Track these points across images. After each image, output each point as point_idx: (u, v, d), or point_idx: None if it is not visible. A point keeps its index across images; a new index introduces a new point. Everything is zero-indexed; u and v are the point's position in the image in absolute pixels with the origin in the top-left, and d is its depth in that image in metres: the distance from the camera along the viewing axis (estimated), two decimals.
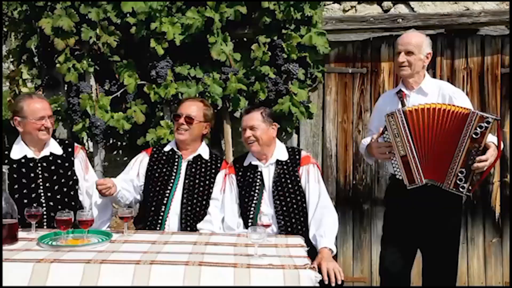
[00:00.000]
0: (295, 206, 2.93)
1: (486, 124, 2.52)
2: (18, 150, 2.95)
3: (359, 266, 4.11)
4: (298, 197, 2.94)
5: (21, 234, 2.50)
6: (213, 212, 2.99)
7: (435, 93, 2.85)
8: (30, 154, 2.95)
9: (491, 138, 2.61)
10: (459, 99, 2.80)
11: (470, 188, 2.60)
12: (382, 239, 3.05)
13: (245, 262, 2.13)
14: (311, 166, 3.01)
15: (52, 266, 2.03)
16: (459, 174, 2.59)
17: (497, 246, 4.02)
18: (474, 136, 2.55)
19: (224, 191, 3.05)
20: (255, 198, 2.96)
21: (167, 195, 2.98)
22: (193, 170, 3.05)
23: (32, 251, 2.25)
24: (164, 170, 3.05)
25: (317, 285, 2.05)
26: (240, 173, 3.06)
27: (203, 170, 3.06)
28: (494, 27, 3.98)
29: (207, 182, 3.04)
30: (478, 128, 2.54)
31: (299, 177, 2.98)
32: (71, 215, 2.43)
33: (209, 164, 3.09)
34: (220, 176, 3.08)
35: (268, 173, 3.01)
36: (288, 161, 3.02)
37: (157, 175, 3.05)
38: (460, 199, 2.84)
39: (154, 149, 3.18)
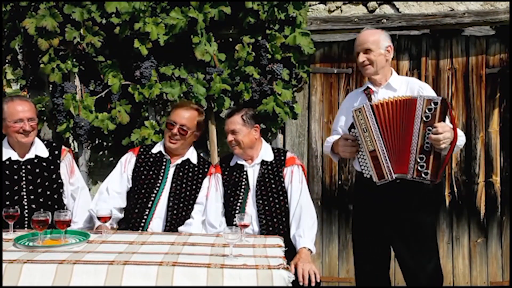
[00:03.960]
0: (277, 206, 2.94)
1: (434, 106, 2.55)
2: (3, 153, 2.95)
3: (345, 266, 4.11)
4: (281, 197, 2.95)
5: None
6: (196, 216, 2.99)
7: (404, 87, 2.85)
8: (15, 156, 2.95)
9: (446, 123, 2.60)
10: (426, 92, 2.79)
11: (434, 173, 2.56)
12: (353, 240, 3.04)
13: (219, 262, 2.13)
14: (296, 167, 3.02)
15: (25, 266, 2.03)
16: (419, 161, 2.58)
17: (482, 246, 4.02)
18: (425, 119, 2.57)
19: (209, 189, 3.05)
20: (240, 197, 2.97)
21: (152, 198, 2.97)
22: (181, 174, 3.04)
23: (7, 252, 2.24)
24: (151, 173, 3.03)
25: (290, 285, 2.05)
26: (226, 173, 3.07)
27: (190, 174, 3.06)
28: (479, 28, 3.99)
29: (194, 186, 3.04)
30: (427, 111, 2.56)
31: (283, 178, 2.99)
32: (48, 216, 2.43)
33: (196, 168, 3.09)
34: (206, 181, 3.08)
35: (253, 173, 3.02)
36: (273, 161, 3.03)
37: (143, 177, 3.03)
38: (431, 195, 2.83)
39: (141, 149, 3.15)
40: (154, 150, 3.13)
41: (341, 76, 4.12)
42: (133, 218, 2.96)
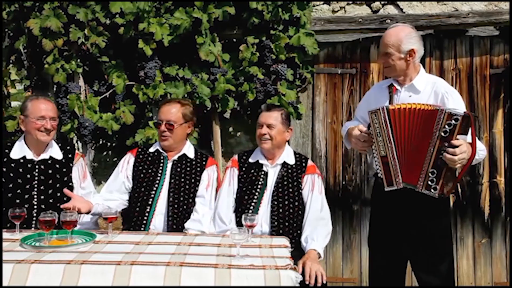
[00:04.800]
0: (291, 210, 2.92)
1: (454, 122, 2.41)
2: (18, 150, 2.97)
3: (349, 267, 4.11)
4: (296, 203, 2.94)
5: (5, 235, 2.50)
6: (200, 210, 2.99)
7: (428, 90, 2.71)
8: (30, 155, 2.96)
9: (466, 138, 2.48)
10: (452, 98, 2.65)
11: (444, 189, 2.49)
12: (369, 241, 3.02)
13: (227, 262, 2.12)
14: (316, 177, 3.01)
15: (33, 267, 2.03)
16: (430, 175, 2.48)
17: (487, 247, 4.02)
18: (443, 134, 2.43)
19: (222, 182, 3.05)
20: (255, 197, 2.95)
21: (152, 195, 2.98)
22: (178, 169, 3.05)
23: (14, 252, 2.24)
24: (150, 171, 3.05)
25: (298, 285, 2.05)
26: (243, 169, 3.04)
27: (188, 168, 3.06)
28: (483, 28, 3.99)
29: (192, 180, 3.04)
30: (446, 126, 2.42)
31: (301, 184, 2.97)
32: (55, 216, 2.43)
33: (194, 162, 3.09)
34: (205, 174, 3.07)
35: (273, 174, 3.00)
36: (294, 166, 3.01)
37: (142, 175, 3.04)
38: (447, 201, 2.79)
39: (139, 150, 3.16)
40: (152, 149, 3.14)
41: (345, 77, 4.12)
42: (135, 216, 2.98)
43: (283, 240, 2.63)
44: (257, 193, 2.95)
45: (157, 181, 3.01)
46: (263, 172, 3.00)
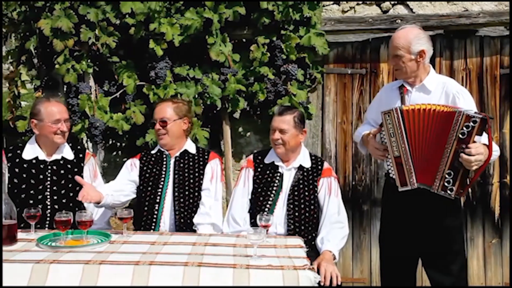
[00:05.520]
0: (307, 214, 2.92)
1: (472, 124, 2.42)
2: (31, 151, 2.98)
3: (359, 267, 4.11)
4: (312, 206, 2.93)
5: (20, 235, 2.50)
6: (207, 202, 3.00)
7: (439, 91, 2.72)
8: (42, 156, 2.98)
9: (482, 139, 2.50)
10: (463, 98, 2.66)
11: (460, 190, 2.51)
12: (380, 241, 3.03)
13: (244, 262, 2.13)
14: (333, 180, 2.99)
15: (51, 267, 2.03)
16: (447, 176, 2.50)
17: (497, 247, 4.02)
18: (460, 136, 2.45)
19: (237, 182, 3.06)
20: (270, 199, 2.94)
21: (159, 193, 3.02)
22: (181, 165, 3.08)
23: (31, 252, 2.25)
24: (154, 170, 3.09)
25: (316, 285, 2.05)
26: (259, 169, 3.03)
27: (191, 163, 3.09)
28: (493, 28, 3.98)
29: (196, 174, 3.07)
30: (464, 128, 2.44)
31: (317, 187, 2.96)
32: (70, 216, 2.44)
33: (196, 157, 3.12)
34: (209, 167, 3.09)
35: (288, 176, 2.98)
36: (310, 169, 2.99)
37: (147, 175, 3.09)
38: (458, 201, 2.80)
39: (143, 153, 3.21)
40: (154, 151, 3.18)
41: (355, 77, 4.12)
42: (144, 215, 3.01)
43: (297, 240, 2.63)
44: (272, 195, 2.94)
45: (162, 179, 3.05)
46: (278, 174, 2.99)
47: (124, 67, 3.88)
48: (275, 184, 2.96)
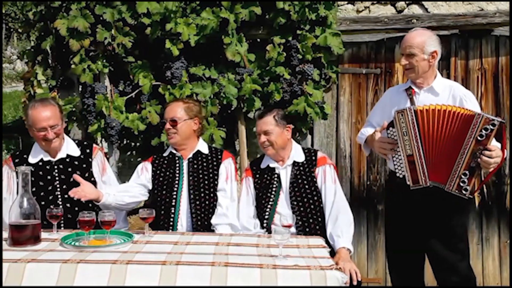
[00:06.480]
0: (312, 207, 2.93)
1: (491, 127, 2.51)
2: (35, 154, 2.97)
3: (374, 267, 4.11)
4: (315, 198, 2.95)
5: (43, 234, 2.49)
6: (223, 203, 3.00)
7: (446, 94, 2.81)
8: (46, 157, 2.97)
9: (497, 142, 2.60)
10: (470, 101, 2.76)
11: (473, 191, 2.60)
12: (386, 240, 3.07)
13: (271, 262, 2.12)
14: (328, 167, 3.01)
15: (79, 266, 2.03)
16: (462, 176, 2.58)
17: None
18: (479, 138, 2.54)
19: (240, 193, 3.06)
20: (271, 199, 2.97)
21: (174, 197, 3.00)
22: (195, 166, 3.06)
23: (56, 252, 2.25)
24: (168, 173, 3.07)
25: (344, 285, 2.05)
26: (257, 176, 3.08)
27: (204, 164, 3.07)
28: (509, 28, 3.97)
29: (210, 175, 3.05)
30: (483, 130, 2.53)
31: (315, 178, 2.98)
32: (93, 216, 2.44)
33: (209, 158, 3.10)
34: (223, 167, 3.08)
35: (285, 174, 3.02)
36: (305, 162, 3.02)
37: (161, 179, 3.07)
38: (463, 200, 2.83)
39: (155, 157, 3.19)
40: (165, 153, 3.17)
41: (369, 77, 4.12)
42: (161, 220, 2.99)
43: (319, 240, 2.63)
44: (272, 196, 2.97)
45: (176, 182, 3.03)
46: (276, 175, 3.02)
47: (140, 67, 3.88)
48: (274, 185, 2.99)
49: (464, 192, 2.58)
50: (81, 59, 3.79)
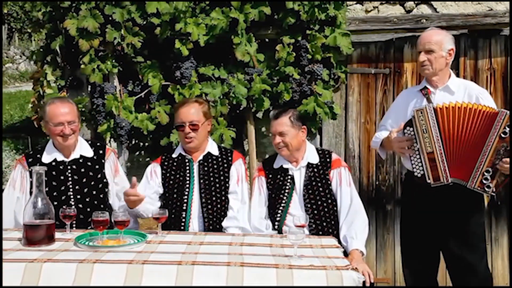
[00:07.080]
0: (326, 209, 2.92)
1: None
2: (49, 154, 2.97)
3: (383, 267, 4.11)
4: (329, 201, 2.93)
5: (57, 234, 2.49)
6: (234, 206, 2.98)
7: (461, 92, 2.84)
8: (60, 157, 2.97)
9: None
10: (486, 99, 2.80)
11: (496, 188, 2.61)
12: (401, 239, 3.07)
13: (286, 262, 2.12)
14: (343, 169, 2.98)
15: (95, 266, 2.04)
16: (485, 173, 2.59)
17: None
18: (502, 135, 2.56)
19: (253, 192, 3.05)
20: (283, 201, 2.95)
21: (185, 200, 2.96)
22: (206, 169, 3.02)
23: (71, 252, 2.25)
24: (178, 176, 3.02)
25: (360, 285, 2.05)
26: (270, 176, 3.04)
27: (215, 166, 3.04)
28: None
29: (221, 177, 3.02)
30: (507, 128, 2.55)
31: (329, 181, 2.95)
32: (107, 216, 2.44)
33: (220, 159, 3.06)
34: (234, 169, 3.05)
35: (299, 176, 2.98)
36: (319, 164, 2.99)
37: (171, 182, 3.02)
38: (481, 198, 2.84)
39: (163, 157, 3.13)
40: (174, 154, 3.11)
41: (378, 77, 4.11)
42: (172, 223, 2.95)
43: (332, 240, 2.64)
44: (285, 197, 2.95)
45: (187, 185, 2.99)
46: (289, 176, 2.99)
47: (149, 67, 3.89)
48: (287, 187, 2.96)
49: (487, 189, 2.60)
50: (90, 59, 3.79)
